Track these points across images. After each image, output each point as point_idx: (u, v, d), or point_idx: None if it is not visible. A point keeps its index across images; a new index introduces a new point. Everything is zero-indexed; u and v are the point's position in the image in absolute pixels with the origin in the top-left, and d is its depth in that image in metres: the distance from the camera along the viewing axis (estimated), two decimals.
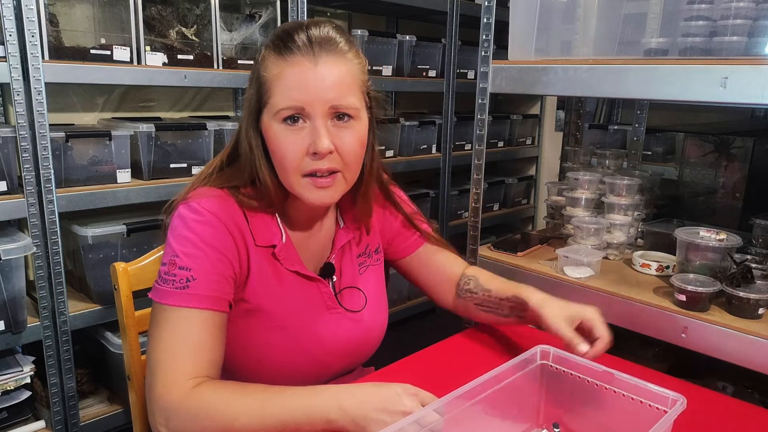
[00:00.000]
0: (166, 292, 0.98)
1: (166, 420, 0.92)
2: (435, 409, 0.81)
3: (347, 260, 1.20)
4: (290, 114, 0.99)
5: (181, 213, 1.03)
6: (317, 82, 0.98)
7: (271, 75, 1.00)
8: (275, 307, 1.09)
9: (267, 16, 2.35)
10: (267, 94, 1.01)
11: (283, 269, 1.10)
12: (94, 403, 2.12)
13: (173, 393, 0.92)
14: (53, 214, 1.82)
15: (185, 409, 0.91)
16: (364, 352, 1.21)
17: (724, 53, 1.44)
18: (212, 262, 1.00)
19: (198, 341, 0.97)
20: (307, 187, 1.03)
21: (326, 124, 1.00)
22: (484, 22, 1.83)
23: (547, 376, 0.99)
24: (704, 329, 1.46)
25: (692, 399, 0.87)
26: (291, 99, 0.98)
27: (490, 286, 1.26)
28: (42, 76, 1.75)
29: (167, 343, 0.96)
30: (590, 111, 2.99)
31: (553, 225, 2.20)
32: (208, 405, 0.91)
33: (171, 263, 0.99)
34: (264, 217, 1.09)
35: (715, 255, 1.58)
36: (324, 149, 0.99)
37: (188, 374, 0.94)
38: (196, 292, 0.97)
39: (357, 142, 1.04)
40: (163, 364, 0.95)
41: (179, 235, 1.01)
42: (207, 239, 1.00)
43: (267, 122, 1.03)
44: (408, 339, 1.36)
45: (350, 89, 1.02)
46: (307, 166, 1.01)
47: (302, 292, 1.12)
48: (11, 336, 1.80)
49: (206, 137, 2.17)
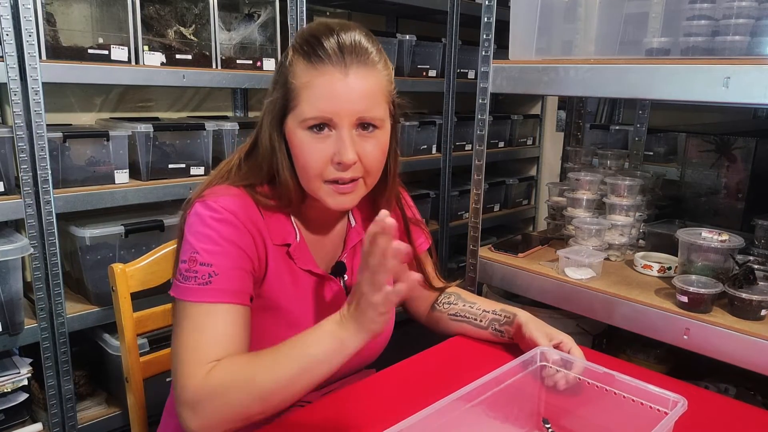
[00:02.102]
0: (189, 289, 0.98)
1: (193, 410, 0.92)
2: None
3: (358, 259, 1.20)
4: (317, 122, 1.00)
5: (198, 211, 1.03)
6: (346, 93, 0.99)
7: (300, 83, 1.01)
8: (290, 304, 1.10)
9: (266, 16, 2.34)
10: (295, 101, 1.01)
11: (296, 268, 1.11)
12: (92, 406, 2.10)
13: (196, 378, 0.92)
14: (51, 215, 1.81)
15: (205, 392, 0.92)
16: (373, 350, 1.22)
17: (727, 53, 1.44)
18: (232, 257, 1.00)
19: (222, 333, 0.97)
20: (329, 193, 1.04)
21: (351, 134, 1.01)
22: (485, 21, 1.82)
23: (548, 377, 0.99)
24: (706, 331, 1.45)
25: (693, 401, 0.87)
26: (319, 110, 0.99)
27: (475, 300, 1.30)
28: (39, 76, 1.74)
29: (191, 339, 0.96)
30: (591, 111, 2.98)
31: (554, 226, 2.20)
32: (223, 379, 0.92)
33: (192, 260, 0.99)
34: (279, 216, 1.10)
35: (718, 256, 1.58)
36: (349, 161, 1.00)
37: (210, 360, 0.94)
38: (220, 286, 0.98)
39: (380, 152, 1.05)
40: (188, 360, 0.95)
41: (197, 231, 1.01)
42: (226, 235, 1.01)
43: (292, 127, 1.03)
44: (409, 341, 1.36)
45: (377, 101, 1.03)
46: (330, 174, 1.02)
47: (314, 291, 1.13)
48: (8, 338, 1.79)
49: (205, 137, 2.16)
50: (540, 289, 1.78)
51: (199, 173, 2.15)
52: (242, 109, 2.68)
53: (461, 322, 1.28)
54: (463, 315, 1.28)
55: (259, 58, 2.29)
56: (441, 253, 3.19)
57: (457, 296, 1.32)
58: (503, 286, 1.93)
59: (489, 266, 1.92)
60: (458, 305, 1.29)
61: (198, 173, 2.15)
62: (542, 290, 1.78)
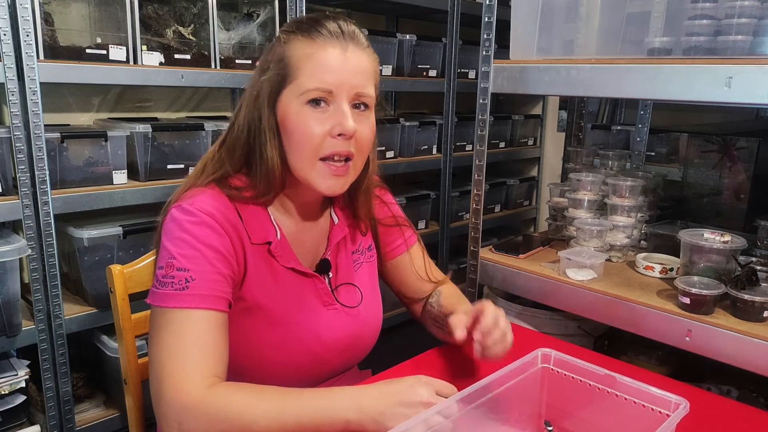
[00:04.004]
0: (166, 295, 0.97)
1: (180, 423, 0.90)
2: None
3: (342, 257, 1.21)
4: (317, 96, 1.01)
5: (174, 215, 1.02)
6: (347, 67, 1.02)
7: (301, 54, 1.02)
8: (273, 304, 1.08)
9: (265, 15, 2.34)
10: (294, 74, 1.02)
11: (278, 266, 1.10)
12: (90, 408, 2.10)
13: (187, 395, 0.91)
14: (48, 216, 1.81)
15: (201, 411, 0.90)
16: (362, 348, 1.22)
17: (729, 53, 1.43)
18: (210, 261, 0.99)
19: (203, 341, 0.96)
20: (321, 174, 1.04)
21: (349, 109, 1.03)
22: (486, 20, 1.82)
23: (548, 379, 0.99)
24: (708, 332, 1.45)
25: (695, 403, 0.87)
26: (321, 81, 1.01)
27: (445, 303, 1.27)
28: (37, 76, 1.74)
29: (172, 346, 0.95)
30: (593, 111, 2.97)
31: (556, 227, 2.19)
32: (225, 408, 0.90)
33: (168, 266, 0.98)
34: (256, 213, 1.09)
35: (720, 257, 1.57)
36: (351, 129, 1.01)
37: (200, 374, 0.93)
38: (197, 292, 0.97)
39: (371, 132, 1.08)
40: (170, 368, 0.93)
41: (174, 237, 1.00)
42: (203, 239, 1.00)
43: (286, 103, 1.03)
44: (407, 342, 1.35)
45: (370, 80, 1.06)
46: (327, 148, 1.03)
47: (299, 289, 1.12)
48: (6, 339, 1.79)
49: (204, 138, 2.16)
50: (541, 290, 1.77)
51: None
52: None
53: (438, 327, 1.27)
54: (439, 321, 1.25)
55: (258, 58, 2.28)
56: (441, 254, 3.19)
57: (437, 297, 1.29)
58: (504, 288, 1.92)
59: (490, 267, 1.91)
60: (434, 309, 1.27)
61: None
62: (543, 292, 1.77)
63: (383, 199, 1.30)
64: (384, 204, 1.30)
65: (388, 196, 1.32)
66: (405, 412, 0.86)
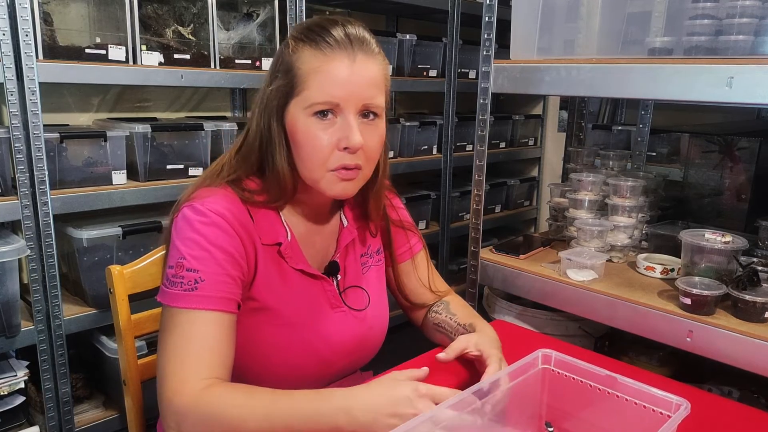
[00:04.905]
0: (175, 295, 0.97)
1: (178, 424, 0.92)
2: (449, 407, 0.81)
3: (351, 259, 1.21)
4: (324, 108, 1.01)
5: (186, 215, 1.02)
6: (354, 80, 1.01)
7: (309, 67, 1.01)
8: (281, 305, 1.08)
9: (265, 15, 2.33)
10: (301, 86, 1.01)
11: (288, 267, 1.10)
12: (90, 409, 2.10)
13: (183, 396, 0.92)
14: (48, 216, 1.80)
15: (197, 412, 0.91)
16: (368, 351, 1.22)
17: (730, 52, 1.43)
18: (220, 263, 0.99)
19: (208, 343, 0.96)
20: (331, 181, 1.04)
21: (357, 120, 1.02)
22: (486, 20, 1.81)
23: (549, 380, 0.99)
24: (709, 333, 1.44)
25: (696, 404, 0.86)
26: (328, 95, 1.00)
27: (456, 311, 1.27)
28: (36, 76, 1.74)
29: (177, 347, 0.96)
30: (593, 111, 2.97)
31: (556, 227, 2.19)
32: (218, 408, 0.91)
33: (178, 265, 0.98)
34: (268, 214, 1.09)
35: (721, 258, 1.57)
36: (357, 144, 1.00)
37: (197, 376, 0.93)
38: (205, 293, 0.97)
39: (380, 141, 1.07)
40: (171, 369, 0.94)
41: (185, 237, 1.00)
42: (213, 240, 1.00)
43: (294, 114, 1.03)
44: (408, 343, 1.35)
45: (380, 90, 1.05)
46: (334, 162, 1.02)
47: (307, 290, 1.12)
48: (5, 340, 1.79)
49: (203, 138, 2.15)
50: (541, 291, 1.77)
51: (197, 174, 2.14)
52: (241, 109, 2.67)
53: (441, 333, 1.27)
54: (443, 327, 1.26)
55: (257, 58, 2.28)
56: (441, 255, 3.18)
57: (446, 305, 1.30)
58: (504, 288, 1.92)
59: (490, 268, 1.91)
60: (441, 315, 1.28)
61: (196, 174, 2.14)
62: (544, 292, 1.77)
63: (392, 203, 1.30)
64: (393, 208, 1.30)
65: (397, 200, 1.32)
66: (397, 424, 0.85)
